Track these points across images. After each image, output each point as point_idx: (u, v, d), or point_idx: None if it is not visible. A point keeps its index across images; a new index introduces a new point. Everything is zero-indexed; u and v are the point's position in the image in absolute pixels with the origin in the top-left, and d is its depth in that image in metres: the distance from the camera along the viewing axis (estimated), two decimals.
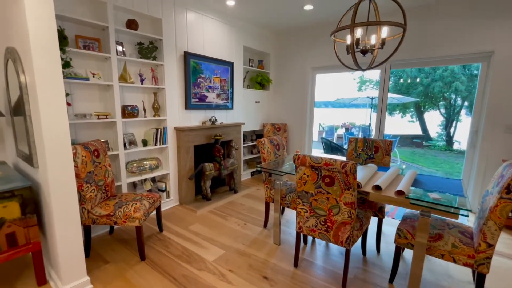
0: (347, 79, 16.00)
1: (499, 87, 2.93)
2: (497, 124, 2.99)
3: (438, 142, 11.30)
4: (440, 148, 10.71)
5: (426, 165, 8.09)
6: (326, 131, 13.05)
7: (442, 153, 9.98)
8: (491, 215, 1.49)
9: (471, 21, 3.01)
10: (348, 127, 13.09)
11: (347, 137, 9.19)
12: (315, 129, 4.86)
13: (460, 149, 10.43)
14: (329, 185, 1.76)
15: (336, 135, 11.99)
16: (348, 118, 15.41)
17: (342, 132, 11.82)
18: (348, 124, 13.60)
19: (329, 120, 15.32)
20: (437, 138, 11.61)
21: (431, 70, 9.27)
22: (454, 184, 1.89)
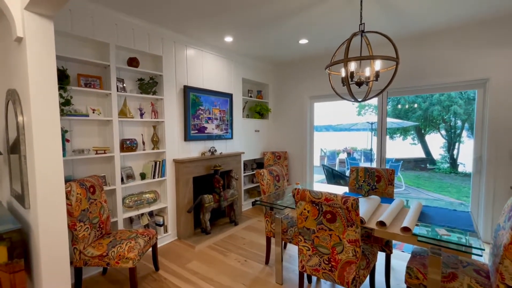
0: (347, 104, 16.30)
1: (498, 113, 2.93)
2: (500, 150, 2.93)
3: (442, 164, 11.15)
4: (445, 171, 10.54)
5: (432, 190, 7.89)
6: (327, 156, 12.99)
7: (447, 176, 9.80)
8: (506, 253, 1.39)
9: (464, 50, 3.09)
10: (350, 152, 13.04)
11: (348, 162, 9.11)
12: (316, 155, 4.82)
13: (465, 171, 10.25)
14: (331, 221, 1.68)
15: (338, 159, 11.90)
16: (349, 143, 15.43)
17: (344, 157, 11.75)
18: (349, 149, 13.56)
19: (331, 145, 15.34)
20: (441, 160, 11.48)
21: (429, 95, 9.43)
22: (463, 218, 1.80)
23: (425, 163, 11.74)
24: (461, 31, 3.09)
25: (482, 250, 1.36)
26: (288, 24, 2.99)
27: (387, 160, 9.28)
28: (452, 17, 2.81)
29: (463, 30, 3.07)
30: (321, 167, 5.56)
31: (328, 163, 12.01)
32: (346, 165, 10.19)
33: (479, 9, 2.63)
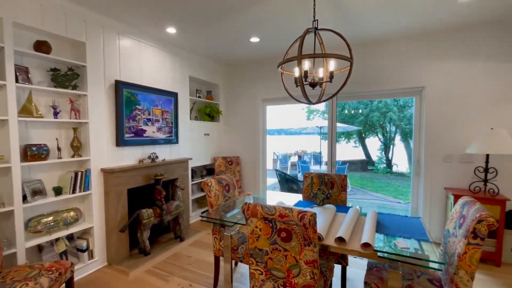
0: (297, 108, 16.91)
1: (433, 120, 3.14)
2: (436, 154, 3.15)
3: (380, 165, 12.28)
4: (382, 171, 11.59)
5: (374, 189, 8.50)
6: (280, 159, 13.15)
7: (384, 176, 10.75)
8: (461, 263, 1.34)
9: (406, 59, 3.27)
10: (301, 155, 13.47)
11: (300, 165, 9.29)
12: (269, 158, 4.67)
13: (398, 171, 11.45)
14: (286, 240, 1.45)
15: (289, 163, 12.13)
16: (300, 146, 15.97)
17: (295, 160, 12.04)
18: (300, 152, 14.01)
19: (283, 149, 15.64)
20: (378, 161, 12.65)
21: (369, 102, 10.27)
22: (415, 225, 1.76)
23: (366, 164, 12.81)
24: (403, 41, 3.26)
25: (443, 264, 1.28)
26: (238, 20, 2.74)
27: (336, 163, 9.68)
28: (396, 28, 2.93)
29: (406, 40, 3.25)
30: (274, 171, 5.46)
31: (280, 166, 12.16)
32: (297, 168, 10.41)
33: (420, 22, 2.77)
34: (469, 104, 2.97)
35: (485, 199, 2.62)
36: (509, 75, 2.80)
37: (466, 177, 2.98)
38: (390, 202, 6.73)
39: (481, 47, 2.89)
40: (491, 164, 2.82)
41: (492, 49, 2.85)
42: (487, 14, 2.65)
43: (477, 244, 1.30)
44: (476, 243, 1.31)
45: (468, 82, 2.97)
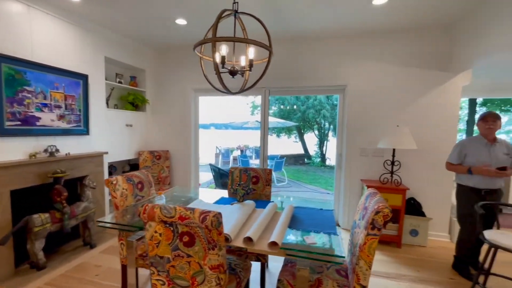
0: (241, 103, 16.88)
1: (353, 116, 3.37)
2: (355, 147, 3.40)
3: (316, 159, 13.21)
4: (317, 165, 12.49)
5: (308, 182, 9.05)
6: (222, 154, 12.94)
7: (319, 169, 11.59)
8: (361, 254, 1.38)
9: (330, 58, 3.41)
10: (243, 149, 13.51)
11: (240, 160, 9.27)
12: (211, 153, 4.42)
13: (331, 164, 12.50)
14: (189, 245, 1.28)
15: (232, 157, 12.03)
16: (243, 141, 16.03)
17: (237, 154, 12.01)
18: (242, 146, 14.05)
19: (226, 143, 15.45)
20: (315, 155, 13.60)
21: (306, 99, 10.85)
22: (327, 218, 1.80)
23: (304, 158, 13.63)
24: (330, 40, 3.39)
25: (343, 258, 1.29)
26: None
27: (272, 157, 9.94)
28: (323, 26, 3.01)
29: (332, 39, 3.38)
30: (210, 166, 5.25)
31: (223, 161, 11.98)
32: (238, 163, 10.39)
33: (343, 22, 2.89)
34: (382, 104, 3.27)
35: (391, 188, 2.93)
36: (411, 80, 3.17)
37: (378, 169, 3.30)
38: (320, 193, 7.23)
39: (394, 51, 3.20)
40: (397, 158, 3.18)
41: (402, 54, 3.18)
42: (399, 20, 2.92)
43: (375, 234, 1.36)
44: (374, 234, 1.36)
45: (382, 83, 3.26)
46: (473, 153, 2.35)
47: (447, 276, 2.41)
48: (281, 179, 8.78)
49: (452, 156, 2.47)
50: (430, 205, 3.17)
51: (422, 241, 3.01)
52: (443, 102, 3.10)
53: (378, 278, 2.35)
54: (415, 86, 3.17)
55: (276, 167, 8.46)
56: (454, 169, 2.48)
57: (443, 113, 3.11)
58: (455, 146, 2.49)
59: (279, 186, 7.95)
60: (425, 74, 3.13)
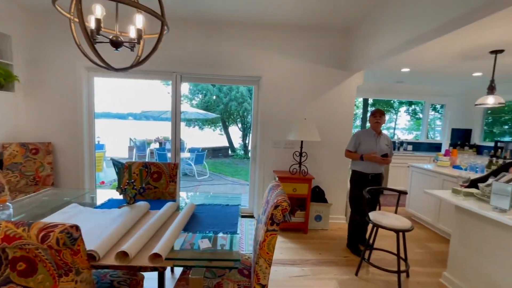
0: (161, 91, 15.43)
1: (267, 108, 3.39)
2: (268, 140, 3.44)
3: (240, 151, 13.39)
4: (241, 157, 12.68)
5: (230, 174, 9.04)
6: (138, 147, 11.60)
7: (242, 162, 11.78)
8: (261, 252, 1.29)
9: (246, 47, 3.30)
10: (162, 142, 12.46)
11: (157, 153, 8.47)
12: (124, 145, 3.70)
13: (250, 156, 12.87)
14: (28, 274, 0.91)
15: (148, 150, 10.91)
16: (162, 132, 14.82)
17: (155, 147, 10.95)
18: (161, 139, 12.95)
19: (142, 134, 13.95)
20: (239, 148, 13.77)
21: (228, 91, 10.72)
22: (231, 215, 1.67)
23: (228, 151, 13.61)
24: (245, 28, 3.27)
25: (238, 261, 1.16)
26: None
27: (194, 150, 9.48)
28: (238, 13, 2.85)
29: (247, 28, 3.27)
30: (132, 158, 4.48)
31: (138, 154, 10.73)
32: (155, 157, 9.49)
33: (256, 11, 2.80)
34: (293, 97, 3.39)
35: (299, 178, 3.08)
36: (317, 76, 3.38)
37: (288, 161, 3.43)
38: (241, 184, 7.30)
39: (303, 47, 3.33)
40: (304, 149, 3.37)
41: (310, 51, 3.35)
42: (305, 18, 3.03)
43: (274, 230, 1.29)
44: (273, 230, 1.29)
45: (294, 78, 3.37)
46: (365, 142, 2.69)
47: (343, 255, 2.68)
48: (203, 173, 8.49)
49: (350, 145, 2.80)
50: (331, 192, 3.51)
51: (325, 225, 3.31)
52: (342, 99, 3.44)
53: (285, 266, 2.42)
54: (320, 82, 3.40)
55: (198, 161, 8.09)
56: (350, 156, 2.80)
57: (342, 109, 3.45)
58: (352, 136, 2.84)
59: (200, 179, 7.65)
60: (329, 72, 3.39)
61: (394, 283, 2.21)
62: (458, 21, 1.77)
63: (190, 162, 8.11)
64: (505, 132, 5.83)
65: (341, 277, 2.28)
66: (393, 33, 2.40)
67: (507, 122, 5.81)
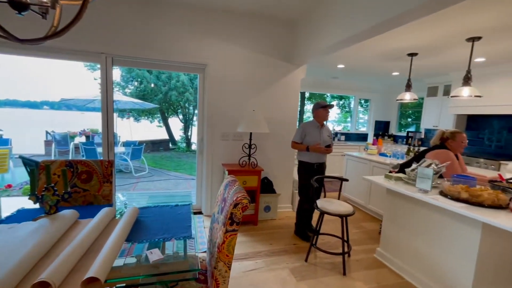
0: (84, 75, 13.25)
1: (214, 98, 3.22)
2: (216, 132, 3.28)
3: (182, 144, 12.72)
4: (183, 150, 12.07)
5: (172, 169, 8.52)
6: (58, 141, 9.88)
7: (184, 155, 11.22)
8: (220, 255, 1.19)
9: (190, 31, 3.03)
10: (89, 135, 10.87)
11: (83, 148, 7.33)
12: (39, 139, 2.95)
13: (196, 149, 12.43)
14: None
15: (72, 145, 9.38)
16: (88, 124, 12.95)
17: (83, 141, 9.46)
18: (88, 131, 11.29)
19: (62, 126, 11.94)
20: (180, 141, 13.05)
21: (167, 80, 9.96)
22: (183, 216, 1.50)
23: (168, 144, 12.77)
24: (190, 11, 2.98)
25: (196, 271, 1.03)
26: None
27: (129, 143, 8.58)
28: None
29: (193, 11, 2.99)
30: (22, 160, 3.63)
31: (58, 150, 9.13)
32: (81, 153, 8.22)
33: None
34: (241, 88, 3.30)
35: (249, 171, 3.05)
36: (265, 67, 3.37)
37: (237, 153, 3.36)
38: (185, 179, 6.95)
39: (251, 37, 3.24)
40: (253, 141, 3.34)
41: (258, 41, 3.28)
42: (249, 5, 2.93)
43: (234, 230, 1.20)
44: (233, 229, 1.19)
45: (241, 67, 3.26)
46: (310, 134, 2.81)
47: (292, 242, 2.78)
48: (141, 168, 7.76)
49: (296, 136, 2.87)
50: (278, 182, 3.60)
51: (274, 215, 3.38)
52: (288, 91, 3.51)
53: (239, 261, 2.37)
54: (268, 74, 3.39)
55: (134, 155, 7.33)
56: (297, 147, 2.87)
57: (288, 101, 3.53)
58: (298, 128, 2.91)
59: (138, 176, 6.96)
60: (276, 64, 3.41)
61: (338, 263, 2.39)
62: (389, 24, 1.97)
63: (125, 157, 7.30)
64: (410, 124, 6.98)
65: (292, 265, 2.35)
66: (336, 29, 2.52)
67: (410, 115, 6.95)
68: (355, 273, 2.27)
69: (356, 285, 2.10)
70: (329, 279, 2.17)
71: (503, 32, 2.68)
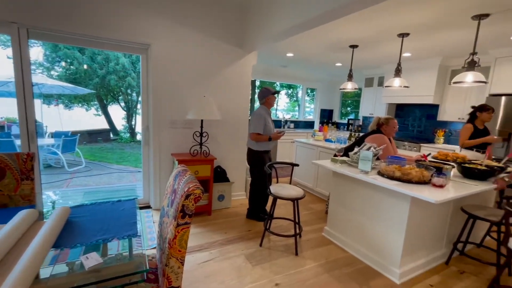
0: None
1: (159, 83, 2.96)
2: (164, 119, 3.04)
3: (125, 134, 11.61)
4: (126, 141, 11.06)
5: (114, 161, 7.78)
6: None
7: (128, 146, 10.31)
8: (172, 251, 1.10)
9: (131, 6, 2.67)
10: (4, 125, 9.08)
11: None
12: None
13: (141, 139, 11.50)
14: None
15: None
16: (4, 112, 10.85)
17: None
18: (3, 121, 9.43)
19: None
20: (123, 130, 11.90)
21: (104, 62, 8.85)
22: (126, 213, 1.35)
23: (109, 134, 11.52)
24: None
25: (145, 271, 0.93)
26: None
27: (60, 134, 7.49)
28: None
29: None
30: None
31: None
32: None
33: None
34: (190, 72, 3.09)
35: (201, 160, 2.93)
36: (215, 51, 3.22)
37: (188, 142, 3.19)
38: (130, 172, 6.41)
39: (199, 18, 3.03)
40: (205, 129, 3.21)
41: (206, 23, 3.09)
42: None
43: (186, 223, 1.11)
44: (185, 223, 1.11)
45: (190, 50, 3.05)
46: (267, 122, 2.83)
47: (247, 229, 2.81)
48: (76, 162, 6.87)
49: (259, 127, 2.76)
50: (231, 170, 3.56)
51: (228, 203, 3.35)
52: (239, 78, 3.44)
53: (192, 254, 2.29)
54: (218, 59, 3.25)
55: (67, 148, 6.41)
56: (259, 138, 2.79)
57: (239, 88, 3.46)
58: (258, 119, 2.78)
59: (73, 171, 6.13)
60: (227, 49, 3.28)
61: (291, 245, 2.50)
62: (334, 13, 2.05)
63: (55, 150, 6.36)
64: (350, 112, 7.64)
65: (247, 251, 2.37)
66: (285, 16, 2.52)
67: (350, 104, 7.61)
68: (306, 252, 2.41)
69: (306, 263, 2.23)
70: (282, 260, 2.25)
71: (426, 30, 3.05)
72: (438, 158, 2.84)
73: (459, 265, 2.33)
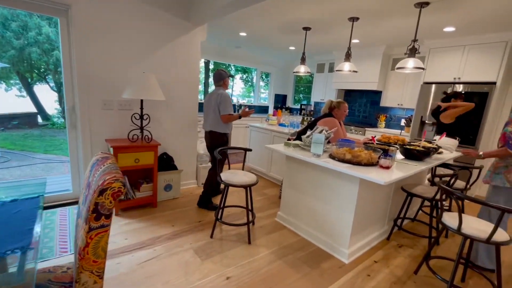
0: None
1: (86, 54, 2.45)
2: (95, 99, 2.57)
3: (58, 119, 10.04)
4: (60, 126, 9.59)
5: (42, 150, 6.70)
6: None
7: (62, 132, 8.97)
8: (83, 263, 0.85)
9: None
10: None
11: None
12: None
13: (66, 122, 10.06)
14: None
15: None
16: None
17: None
18: None
19: None
20: (57, 115, 10.26)
21: (22, 30, 7.33)
22: (23, 215, 1.02)
23: (36, 119, 9.83)
24: None
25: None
26: None
27: None
28: None
29: None
30: None
31: None
32: None
33: None
34: (127, 44, 2.64)
35: (142, 146, 2.58)
36: (156, 22, 2.80)
37: (126, 126, 2.77)
38: (61, 161, 5.56)
39: None
40: (146, 111, 2.83)
41: None
42: None
43: (103, 226, 0.86)
44: (101, 225, 0.86)
45: (125, 18, 2.58)
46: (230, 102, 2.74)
47: (197, 220, 2.60)
48: None
49: (230, 108, 2.70)
50: (180, 157, 3.26)
51: (176, 193, 3.07)
52: (187, 55, 3.09)
53: (131, 253, 2.00)
54: (160, 31, 2.84)
55: None
56: (232, 118, 2.73)
57: (187, 66, 3.12)
58: (227, 99, 2.69)
59: None
60: (170, 20, 2.88)
61: (244, 233, 2.39)
62: None
63: None
64: (302, 99, 7.80)
65: (197, 244, 2.18)
66: None
67: (302, 91, 7.76)
68: (259, 239, 2.32)
69: (260, 251, 2.15)
70: (234, 251, 2.13)
71: (373, 16, 3.10)
72: (382, 141, 3.00)
73: (398, 239, 2.51)
